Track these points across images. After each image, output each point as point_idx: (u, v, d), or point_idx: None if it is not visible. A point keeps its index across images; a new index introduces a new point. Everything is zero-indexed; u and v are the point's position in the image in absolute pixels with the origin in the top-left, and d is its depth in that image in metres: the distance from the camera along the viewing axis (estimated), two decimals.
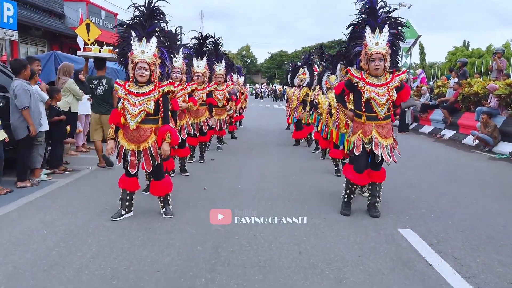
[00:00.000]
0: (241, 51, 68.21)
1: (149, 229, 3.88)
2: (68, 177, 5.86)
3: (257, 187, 5.58)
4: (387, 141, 4.22)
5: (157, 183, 4.20)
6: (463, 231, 4.06)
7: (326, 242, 3.66)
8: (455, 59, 38.23)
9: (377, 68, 4.07)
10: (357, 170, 4.31)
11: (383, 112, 4.14)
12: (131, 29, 3.94)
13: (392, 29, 4.13)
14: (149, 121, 3.95)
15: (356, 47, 4.25)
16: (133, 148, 3.96)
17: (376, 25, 4.09)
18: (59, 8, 19.94)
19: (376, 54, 4.03)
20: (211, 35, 6.76)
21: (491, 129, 9.79)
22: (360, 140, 4.23)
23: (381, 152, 4.15)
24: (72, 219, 4.10)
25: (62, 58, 8.44)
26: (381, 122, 4.19)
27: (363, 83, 4.14)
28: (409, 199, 5.15)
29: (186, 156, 6.07)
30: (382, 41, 4.05)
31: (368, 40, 4.08)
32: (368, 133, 4.21)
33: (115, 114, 3.95)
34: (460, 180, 6.43)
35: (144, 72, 3.85)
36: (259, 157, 8.04)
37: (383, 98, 4.10)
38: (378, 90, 4.11)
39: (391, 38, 4.12)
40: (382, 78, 4.17)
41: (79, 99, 7.43)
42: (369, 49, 4.06)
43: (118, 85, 3.98)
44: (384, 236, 3.86)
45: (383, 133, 4.20)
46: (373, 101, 4.12)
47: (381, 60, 4.06)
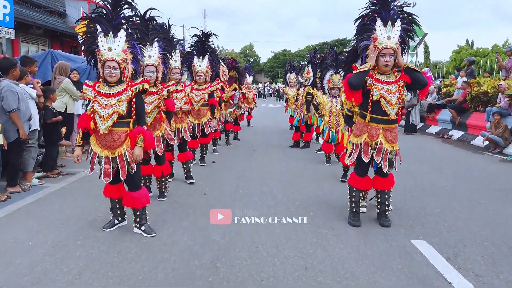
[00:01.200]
0: (244, 50, 67.78)
1: (142, 240, 3.61)
2: (62, 181, 5.60)
3: (260, 192, 5.29)
4: (393, 147, 3.90)
5: (132, 194, 3.66)
6: (481, 242, 3.76)
7: (334, 256, 3.38)
8: (460, 58, 37.80)
9: (387, 64, 3.72)
10: (358, 173, 4.02)
11: (394, 112, 3.80)
12: (96, 23, 3.49)
13: (404, 25, 3.80)
14: (122, 124, 3.52)
15: (364, 41, 3.88)
16: (107, 155, 3.52)
17: (389, 17, 3.74)
18: (60, 6, 19.72)
19: (387, 49, 3.68)
20: (212, 33, 6.46)
21: (502, 130, 9.46)
22: (367, 144, 3.90)
23: (382, 159, 3.84)
24: (62, 229, 3.84)
25: (58, 56, 8.16)
26: (391, 126, 3.87)
27: (371, 79, 3.80)
28: (421, 206, 4.85)
29: (189, 160, 5.73)
30: (395, 36, 3.71)
31: (379, 33, 3.72)
32: (375, 137, 3.87)
33: (83, 118, 3.54)
34: (473, 184, 6.12)
35: (113, 72, 3.42)
36: (261, 159, 7.75)
37: (394, 97, 3.76)
38: (388, 87, 3.78)
39: (402, 34, 3.79)
40: (391, 75, 3.83)
41: (75, 99, 7.19)
42: (379, 43, 3.69)
43: (87, 86, 3.55)
44: (396, 248, 3.56)
45: (390, 138, 3.88)
46: (383, 99, 3.77)
47: (392, 56, 3.71)
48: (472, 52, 37.76)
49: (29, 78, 5.60)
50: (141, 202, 3.69)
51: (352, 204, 4.11)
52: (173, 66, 5.03)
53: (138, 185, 3.73)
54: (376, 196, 4.17)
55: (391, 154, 3.90)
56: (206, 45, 6.26)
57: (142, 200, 3.70)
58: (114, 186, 3.76)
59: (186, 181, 5.67)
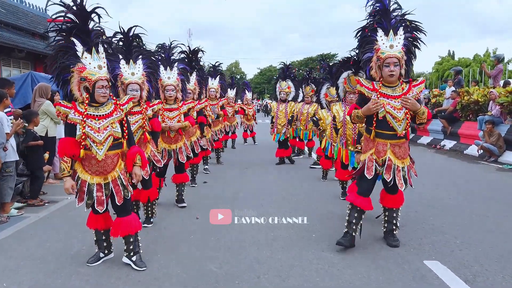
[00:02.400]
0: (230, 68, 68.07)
1: (131, 275, 3.26)
2: (42, 211, 5.19)
3: (257, 213, 4.97)
4: (404, 162, 3.63)
5: (123, 219, 3.33)
6: (498, 260, 3.50)
7: (344, 284, 3.07)
8: (442, 69, 38.44)
9: (392, 74, 3.47)
10: (361, 193, 3.68)
11: (401, 128, 3.53)
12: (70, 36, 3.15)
13: (407, 33, 3.58)
14: (116, 146, 3.25)
15: (366, 53, 3.65)
16: (98, 181, 3.20)
17: (390, 27, 3.53)
18: (42, 28, 19.39)
19: (390, 58, 3.44)
20: (199, 49, 6.24)
21: (495, 138, 9.38)
22: (372, 161, 3.62)
23: (394, 176, 3.55)
24: (41, 266, 3.46)
25: (39, 78, 7.83)
26: (399, 141, 3.59)
27: (375, 94, 3.55)
28: (427, 222, 4.60)
29: (185, 182, 5.38)
30: (398, 44, 3.49)
31: (380, 43, 3.50)
32: (382, 153, 3.60)
33: (68, 144, 3.14)
34: (475, 197, 5.91)
35: (106, 91, 3.16)
36: (255, 178, 7.44)
37: (401, 112, 3.51)
38: (394, 102, 3.52)
39: (406, 43, 3.56)
40: (397, 88, 3.57)
41: (57, 122, 6.83)
42: (382, 53, 3.47)
43: (64, 107, 3.11)
44: (409, 271, 3.28)
45: (399, 154, 3.60)
46: (389, 115, 3.52)
47: (397, 65, 3.47)
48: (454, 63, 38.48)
49: (8, 101, 5.25)
50: (135, 227, 3.38)
51: (347, 224, 3.72)
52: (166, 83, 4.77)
53: (129, 210, 3.41)
54: (384, 214, 3.88)
55: (403, 171, 3.62)
56: (193, 61, 6.02)
57: (136, 224, 3.39)
58: (100, 216, 3.40)
59: (177, 204, 5.33)
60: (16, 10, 18.28)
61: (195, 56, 6.07)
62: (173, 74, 4.81)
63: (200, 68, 6.26)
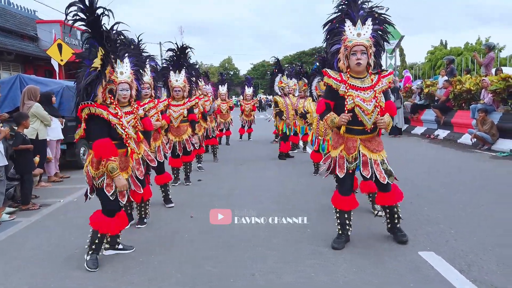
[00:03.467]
0: (223, 64, 67.85)
1: (125, 277, 3.23)
2: (34, 215, 5.13)
3: (252, 211, 4.91)
4: (380, 155, 3.53)
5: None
6: (493, 249, 3.50)
7: (339, 278, 3.06)
8: (435, 59, 38.49)
9: (359, 63, 3.35)
10: (342, 192, 3.61)
11: (371, 122, 3.43)
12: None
13: (375, 25, 3.50)
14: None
15: (334, 45, 3.56)
16: (125, 177, 3.50)
17: (358, 17, 3.43)
18: (31, 30, 19.18)
19: (357, 46, 3.33)
20: (188, 46, 6.17)
21: (488, 127, 9.40)
22: (342, 158, 3.54)
23: (374, 171, 3.47)
24: (35, 270, 3.42)
25: (28, 81, 7.73)
26: (368, 136, 3.50)
27: (344, 86, 3.44)
28: (421, 213, 4.60)
29: (168, 182, 5.35)
30: (365, 33, 3.39)
31: (348, 33, 3.40)
32: (352, 150, 3.50)
33: (110, 145, 3.21)
34: (469, 186, 5.92)
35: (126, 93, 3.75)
36: (250, 174, 7.42)
37: (370, 105, 3.40)
38: (363, 94, 3.42)
39: (374, 35, 3.49)
40: (366, 80, 3.48)
41: (47, 124, 6.76)
42: (349, 41, 3.37)
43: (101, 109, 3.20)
44: (405, 263, 3.27)
45: (373, 147, 3.51)
46: (358, 108, 3.40)
47: (364, 53, 3.35)
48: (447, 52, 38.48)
49: None
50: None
51: (338, 226, 3.68)
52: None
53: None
54: (384, 211, 3.77)
55: (384, 164, 3.53)
56: (182, 59, 5.95)
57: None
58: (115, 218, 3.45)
59: (165, 205, 5.29)
60: (4, 12, 18.03)
61: (184, 54, 6.00)
62: (147, 72, 4.75)
63: (189, 66, 6.18)
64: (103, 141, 3.18)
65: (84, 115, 3.17)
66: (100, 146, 3.17)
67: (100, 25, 3.16)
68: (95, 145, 3.18)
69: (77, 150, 8.12)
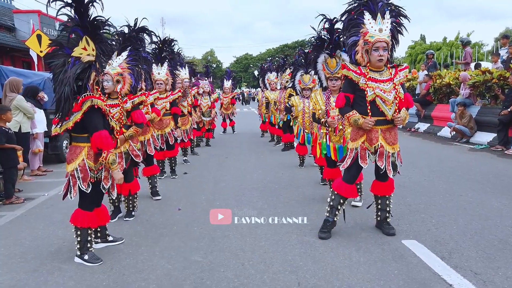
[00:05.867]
0: (205, 56, 67.27)
1: (115, 268, 3.24)
2: (19, 209, 5.05)
3: (237, 201, 5.02)
4: (394, 148, 3.61)
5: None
6: (472, 237, 3.66)
7: (327, 266, 3.15)
8: (415, 53, 39.10)
9: (381, 59, 3.39)
10: (347, 180, 3.68)
11: (392, 112, 3.47)
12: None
13: (392, 18, 3.52)
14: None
15: (352, 37, 3.54)
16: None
17: (377, 10, 3.41)
18: (8, 20, 18.59)
19: (380, 43, 3.35)
20: (171, 39, 6.13)
21: (467, 120, 9.69)
22: (365, 149, 3.57)
23: (385, 163, 3.56)
24: (21, 264, 3.39)
25: (8, 72, 7.52)
26: (388, 126, 3.56)
27: (364, 79, 3.48)
28: (404, 203, 4.75)
29: (155, 174, 5.36)
30: (386, 28, 3.41)
31: (369, 27, 3.39)
32: (374, 140, 3.53)
33: (110, 137, 3.22)
34: (449, 177, 6.12)
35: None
36: (235, 167, 7.47)
37: (390, 95, 3.46)
38: (383, 86, 3.47)
39: (391, 28, 3.51)
40: (384, 73, 3.54)
41: (30, 117, 6.64)
42: (371, 37, 3.36)
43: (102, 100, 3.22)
44: (389, 251, 3.39)
45: (390, 139, 3.57)
46: (379, 99, 3.46)
47: (385, 50, 3.38)
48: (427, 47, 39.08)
49: None
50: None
51: (329, 209, 3.74)
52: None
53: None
54: (376, 202, 3.87)
55: (394, 157, 3.62)
56: (164, 51, 5.90)
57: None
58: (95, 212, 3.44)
59: (152, 197, 5.29)
60: None
61: (166, 46, 5.95)
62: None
63: (172, 58, 6.14)
64: (103, 132, 3.15)
65: (85, 108, 3.10)
66: (101, 137, 3.13)
67: (88, 14, 3.12)
68: (95, 136, 3.13)
69: (60, 143, 7.99)
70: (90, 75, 3.12)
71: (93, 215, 3.38)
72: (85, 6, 3.08)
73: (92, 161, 3.23)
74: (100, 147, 3.17)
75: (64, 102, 3.06)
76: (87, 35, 3.10)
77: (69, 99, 3.04)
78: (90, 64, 3.09)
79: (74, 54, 3.06)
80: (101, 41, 3.19)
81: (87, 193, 3.24)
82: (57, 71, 3.11)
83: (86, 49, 3.07)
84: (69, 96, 3.02)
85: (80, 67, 3.06)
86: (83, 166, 3.20)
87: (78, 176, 3.19)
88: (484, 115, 9.55)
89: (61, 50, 3.14)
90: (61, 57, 3.12)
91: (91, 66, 3.10)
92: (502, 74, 8.92)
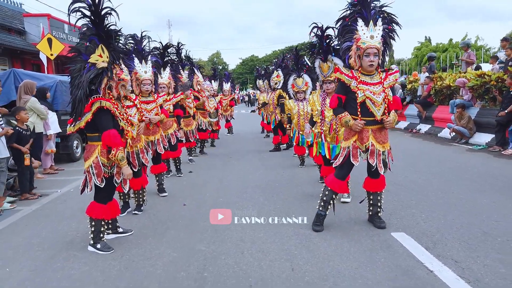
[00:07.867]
0: (212, 58, 67.73)
1: (125, 256, 3.54)
2: (34, 204, 5.39)
3: (240, 198, 5.30)
4: (384, 147, 3.85)
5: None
6: (457, 230, 3.91)
7: (319, 255, 3.42)
8: (421, 55, 39.13)
9: (372, 64, 3.64)
10: (338, 176, 3.93)
11: (380, 113, 3.74)
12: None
13: (384, 24, 3.77)
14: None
15: (346, 42, 3.81)
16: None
17: (370, 17, 3.65)
18: (19, 24, 19.07)
19: (371, 49, 3.60)
20: (171, 44, 6.46)
21: (466, 121, 9.88)
22: (356, 148, 3.82)
23: (376, 161, 3.79)
24: (39, 253, 3.70)
25: (22, 75, 7.90)
26: (378, 126, 3.81)
27: (355, 82, 3.72)
28: (397, 199, 5.00)
29: (163, 172, 5.66)
30: (377, 35, 3.67)
31: (361, 33, 3.63)
32: (365, 139, 3.76)
33: (118, 135, 3.48)
34: (445, 176, 6.35)
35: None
36: (238, 166, 7.76)
37: (379, 97, 3.72)
38: (373, 88, 3.73)
39: (383, 34, 3.76)
40: (375, 76, 3.79)
41: (43, 118, 7.00)
42: (362, 43, 3.61)
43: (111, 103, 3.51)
44: (378, 242, 3.65)
45: (380, 138, 3.82)
46: (368, 100, 3.70)
47: (376, 56, 3.64)
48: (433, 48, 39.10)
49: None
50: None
51: (322, 204, 3.98)
52: (143, 77, 4.97)
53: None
54: (368, 198, 4.11)
55: (384, 155, 3.86)
56: (166, 56, 6.20)
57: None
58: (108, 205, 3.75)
59: (159, 194, 5.60)
60: None
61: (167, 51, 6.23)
62: (149, 68, 5.03)
63: (173, 63, 6.44)
64: (111, 131, 3.44)
65: (94, 109, 3.41)
66: (110, 136, 3.42)
67: (104, 23, 3.43)
68: (105, 135, 3.42)
69: (71, 143, 8.34)
70: (102, 80, 3.43)
71: (106, 208, 3.68)
72: (102, 17, 3.40)
73: (105, 157, 3.53)
74: (109, 145, 3.46)
75: (78, 104, 3.38)
76: (102, 43, 3.41)
77: (82, 101, 3.36)
78: (103, 70, 3.40)
79: (90, 60, 3.38)
80: (113, 49, 3.49)
81: (101, 187, 3.54)
82: (74, 75, 3.44)
83: (101, 56, 3.38)
84: (82, 98, 3.34)
85: (94, 72, 3.37)
86: (97, 163, 3.51)
87: (93, 172, 3.49)
88: (483, 116, 9.74)
89: (79, 56, 3.46)
90: (79, 63, 3.45)
91: (103, 72, 3.41)
92: (500, 76, 9.11)
